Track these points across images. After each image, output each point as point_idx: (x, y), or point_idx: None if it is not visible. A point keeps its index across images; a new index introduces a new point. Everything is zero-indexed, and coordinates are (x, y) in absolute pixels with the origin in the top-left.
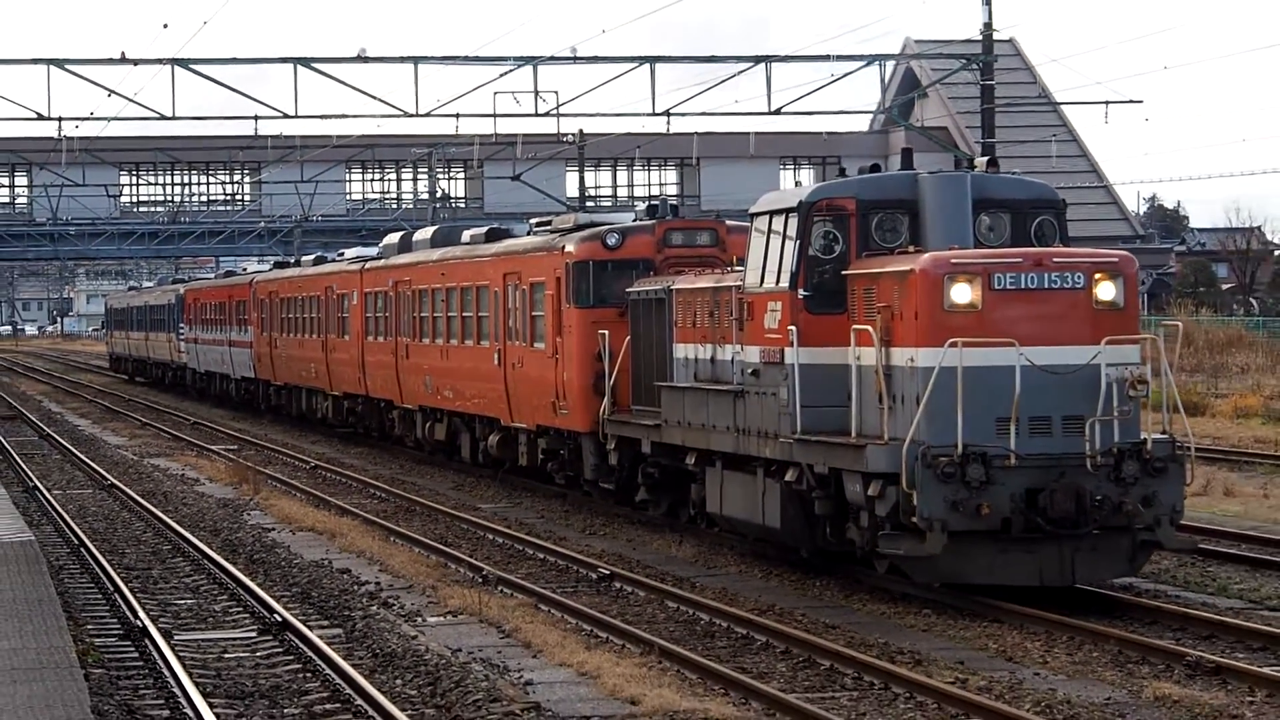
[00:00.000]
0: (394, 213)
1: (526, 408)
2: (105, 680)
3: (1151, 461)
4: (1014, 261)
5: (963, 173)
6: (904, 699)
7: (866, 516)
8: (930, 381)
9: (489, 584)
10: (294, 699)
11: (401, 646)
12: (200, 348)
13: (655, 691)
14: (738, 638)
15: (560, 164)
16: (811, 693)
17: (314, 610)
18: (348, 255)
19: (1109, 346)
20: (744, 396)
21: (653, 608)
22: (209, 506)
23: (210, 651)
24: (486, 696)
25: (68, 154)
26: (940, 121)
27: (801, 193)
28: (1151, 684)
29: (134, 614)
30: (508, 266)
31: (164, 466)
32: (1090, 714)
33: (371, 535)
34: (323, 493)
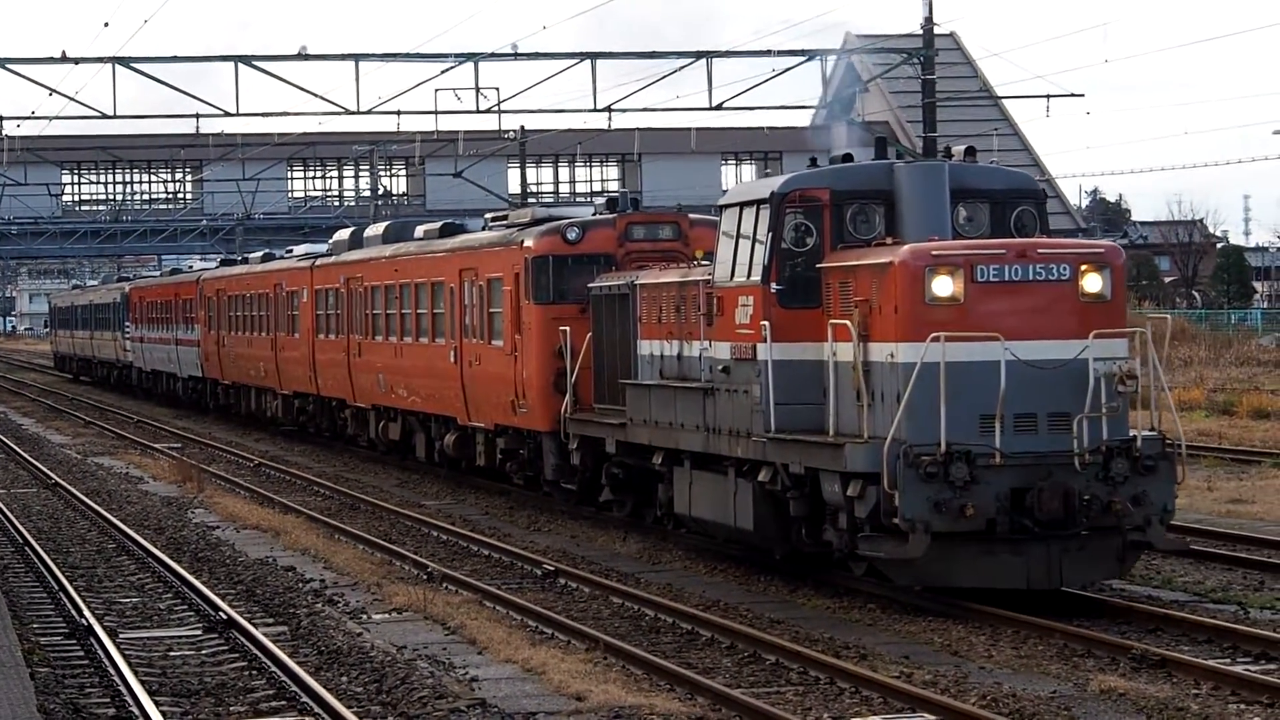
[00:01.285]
0: (336, 210)
1: (484, 406)
2: (51, 679)
3: (1141, 460)
4: (997, 253)
5: (940, 162)
6: (850, 694)
7: (845, 518)
8: (912, 378)
9: (434, 581)
10: (240, 696)
11: (347, 644)
12: (146, 347)
13: (601, 687)
14: (683, 633)
15: (502, 160)
16: (757, 688)
17: (259, 608)
18: (297, 252)
19: (1096, 340)
20: (714, 394)
21: (598, 604)
22: (153, 505)
23: (156, 650)
24: (432, 693)
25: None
26: (882, 116)
27: (773, 183)
28: (1097, 677)
29: (79, 613)
30: (464, 262)
31: (108, 465)
32: (1036, 707)
33: (316, 533)
34: (267, 490)
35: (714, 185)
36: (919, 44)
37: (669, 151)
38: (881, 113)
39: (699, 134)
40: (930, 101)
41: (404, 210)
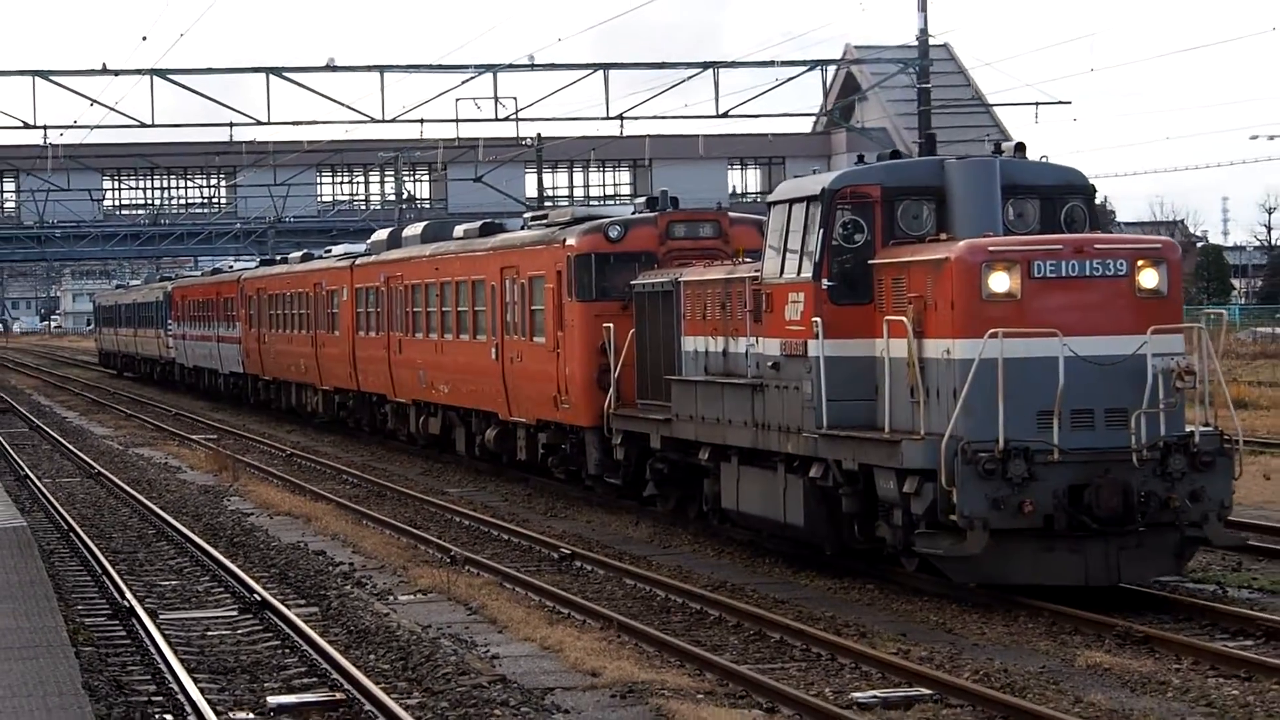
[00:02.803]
0: (362, 214)
1: (525, 402)
2: (95, 657)
3: (1199, 455)
4: (1054, 248)
5: (991, 158)
6: (850, 669)
7: (900, 514)
8: (970, 374)
9: (457, 564)
10: (274, 674)
11: (375, 623)
12: (188, 343)
13: (615, 664)
14: (692, 613)
15: (519, 166)
16: (762, 664)
17: (291, 590)
18: (336, 252)
19: (1155, 336)
20: (763, 390)
21: (611, 585)
22: (191, 493)
23: (194, 630)
24: (455, 670)
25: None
26: (880, 123)
27: (824, 180)
28: (1084, 653)
29: (121, 595)
30: (504, 260)
31: (148, 455)
32: (1026, 681)
33: (345, 519)
34: (298, 479)
35: (721, 189)
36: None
37: (678, 157)
38: (879, 119)
39: (706, 140)
40: (925, 109)
41: (427, 214)
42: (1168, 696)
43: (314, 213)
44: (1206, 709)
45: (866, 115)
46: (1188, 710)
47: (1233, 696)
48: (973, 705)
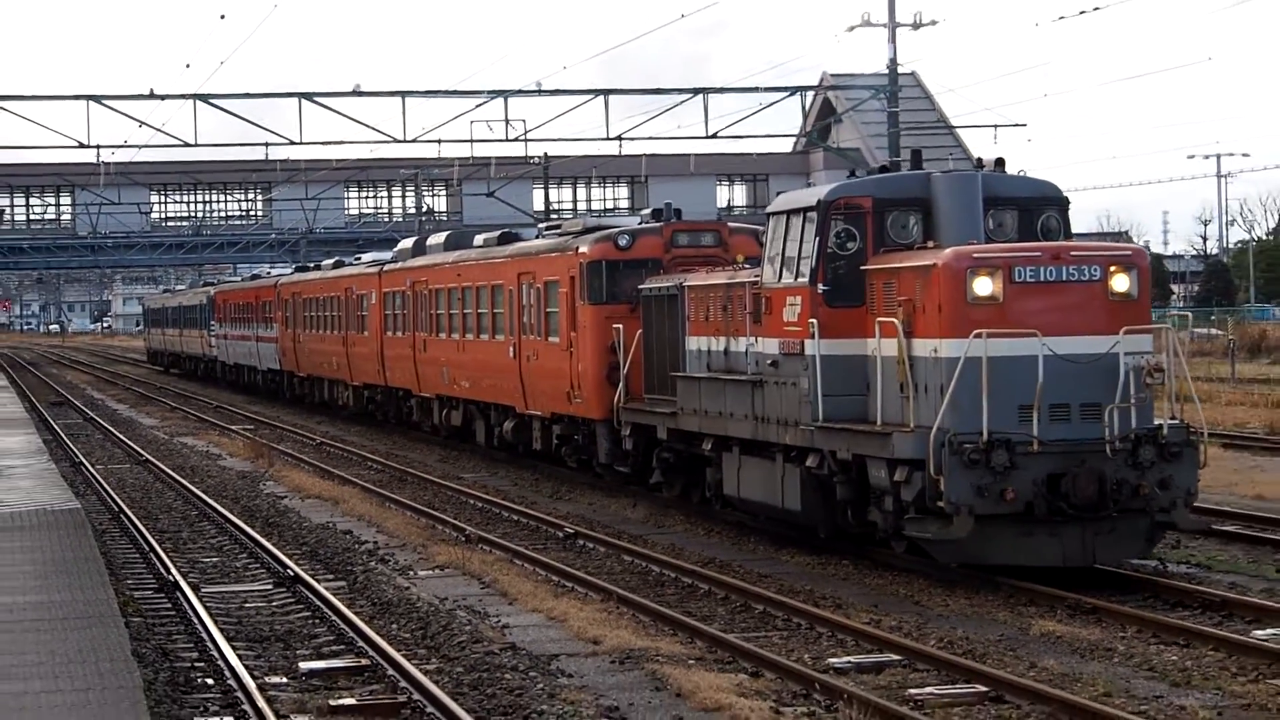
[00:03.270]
0: (386, 225)
1: (541, 397)
2: (143, 627)
3: (1167, 446)
4: (1033, 255)
5: (974, 172)
6: (827, 637)
7: (890, 500)
8: (956, 371)
9: (471, 542)
10: (305, 642)
11: (397, 596)
12: (229, 343)
13: (614, 633)
14: (684, 586)
15: (527, 182)
16: (748, 632)
17: (321, 566)
18: (365, 259)
19: (1127, 336)
20: (763, 386)
21: (611, 561)
22: (230, 478)
23: (233, 602)
24: (470, 638)
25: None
26: (853, 143)
27: (820, 192)
28: (1038, 623)
29: (167, 570)
30: (521, 267)
31: (191, 444)
32: (986, 648)
33: (370, 501)
34: (328, 465)
35: (710, 203)
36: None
37: (671, 174)
38: (853, 140)
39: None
40: (895, 131)
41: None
42: (1113, 661)
43: (342, 224)
44: (1149, 673)
45: (842, 136)
46: (1131, 674)
47: (1172, 661)
48: (938, 669)
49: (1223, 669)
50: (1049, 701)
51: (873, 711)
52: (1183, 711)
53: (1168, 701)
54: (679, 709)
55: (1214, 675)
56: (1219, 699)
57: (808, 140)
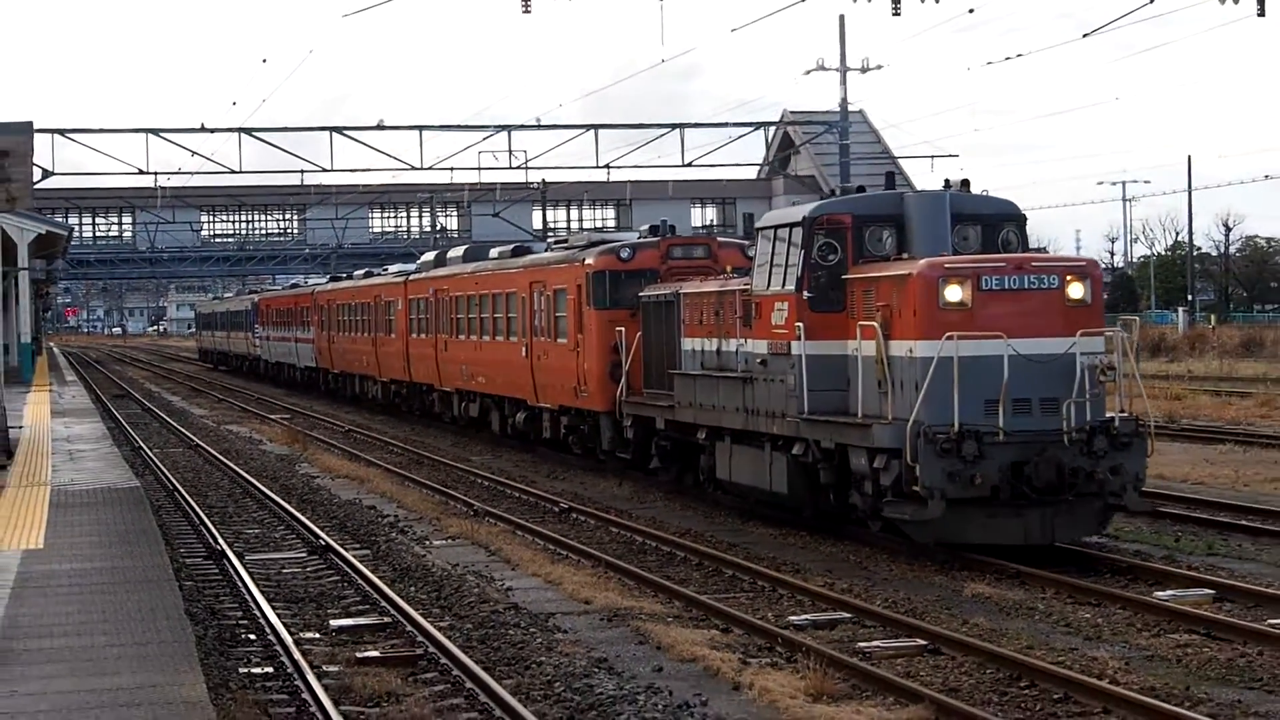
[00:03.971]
0: (405, 241)
1: (550, 391)
2: (194, 590)
3: (1118, 437)
4: (999, 265)
5: (943, 191)
6: (787, 598)
7: (870, 485)
8: (930, 369)
9: (479, 516)
10: (335, 602)
11: (414, 563)
12: (271, 343)
13: (603, 594)
14: (664, 554)
15: (528, 204)
16: (719, 594)
17: (349, 536)
18: (391, 270)
19: (1082, 338)
20: (753, 382)
21: (600, 532)
22: (269, 460)
23: (272, 568)
24: (478, 599)
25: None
26: (809, 172)
27: (805, 209)
28: (970, 585)
29: (215, 540)
30: (533, 276)
31: (236, 431)
32: (925, 607)
33: (391, 480)
34: (355, 449)
35: (686, 222)
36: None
37: (652, 197)
38: (809, 169)
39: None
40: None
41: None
42: (1035, 619)
43: (366, 240)
44: (1066, 628)
45: (799, 166)
46: (1050, 629)
47: (1086, 619)
48: (883, 626)
49: (1130, 625)
50: (979, 653)
51: (827, 662)
52: (1095, 662)
53: (1082, 653)
54: (659, 660)
55: (1122, 631)
56: (1126, 651)
57: (770, 169)
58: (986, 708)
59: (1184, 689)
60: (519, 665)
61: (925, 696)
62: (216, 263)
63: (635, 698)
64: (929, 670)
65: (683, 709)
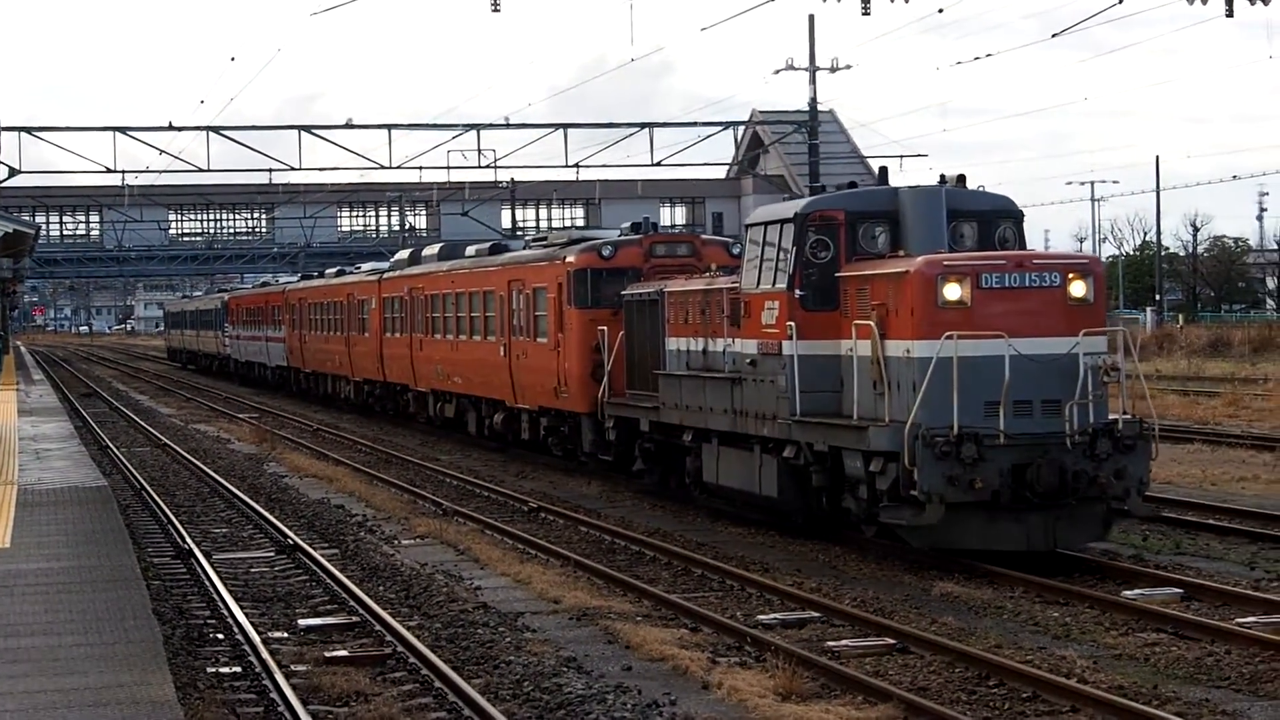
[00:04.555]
0: (373, 240)
1: (529, 392)
2: (162, 589)
3: (1122, 439)
4: (998, 263)
5: (938, 187)
6: (756, 597)
7: (865, 489)
8: (928, 370)
9: (447, 515)
10: (304, 601)
11: (383, 562)
12: (241, 342)
13: (572, 594)
14: (633, 554)
15: (497, 204)
16: (688, 593)
17: (317, 536)
18: (364, 268)
19: (1085, 338)
20: (741, 383)
21: (569, 532)
22: (238, 459)
23: (240, 567)
24: (447, 598)
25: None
26: (778, 171)
27: (796, 205)
28: (938, 584)
29: (183, 540)
30: (512, 275)
31: (204, 430)
32: (893, 606)
33: (359, 480)
34: (323, 449)
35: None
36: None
37: (621, 197)
38: (778, 169)
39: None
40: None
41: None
42: (1003, 618)
43: (335, 239)
44: (1034, 627)
45: (768, 165)
46: (1019, 628)
47: (1054, 618)
48: (852, 625)
49: (1098, 624)
50: (948, 652)
51: (796, 661)
52: (1063, 661)
53: (1050, 652)
54: (628, 659)
55: (1090, 630)
56: (1095, 650)
57: (739, 168)
58: (955, 707)
59: (1152, 688)
60: (488, 664)
61: (894, 695)
62: (184, 262)
63: (604, 697)
64: (898, 669)
65: (651, 708)
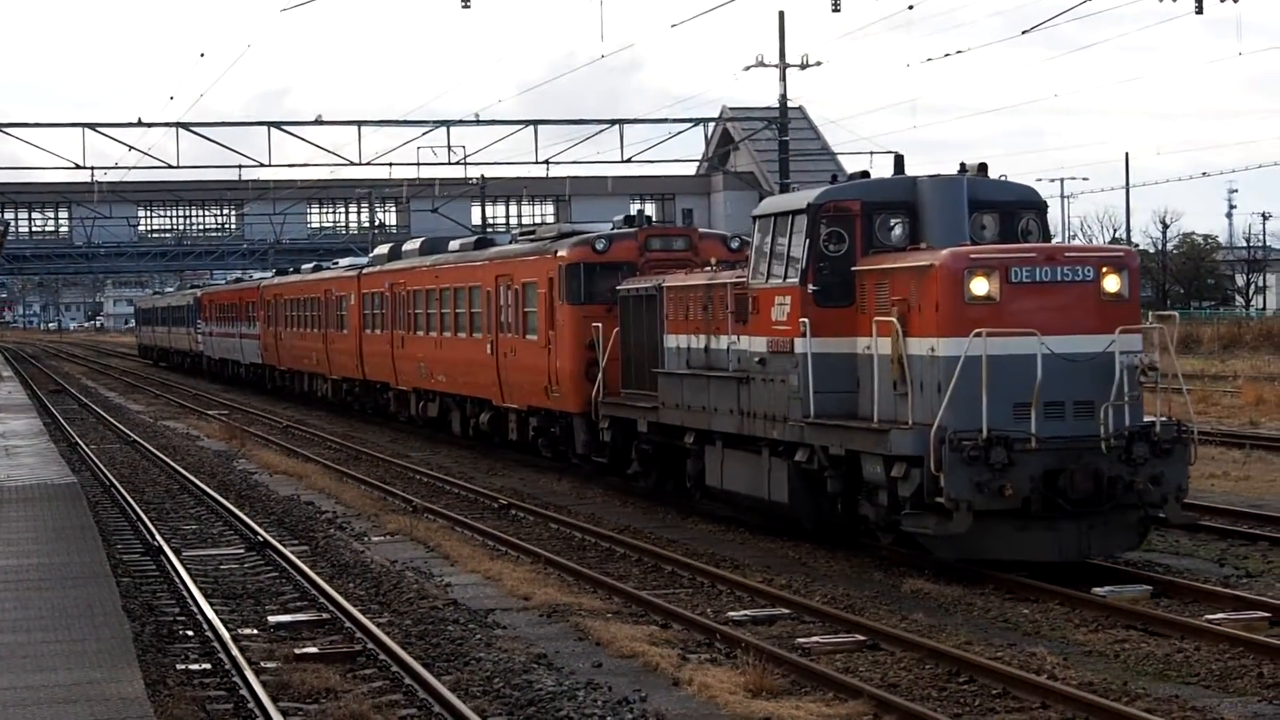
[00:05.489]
0: (343, 237)
1: (518, 391)
2: (131, 585)
3: (1159, 443)
4: (1029, 256)
5: (959, 176)
6: (726, 594)
7: (885, 495)
8: (955, 370)
9: (418, 512)
10: (273, 598)
11: (353, 559)
12: (214, 339)
13: (543, 590)
14: (603, 550)
15: (467, 200)
16: (658, 589)
17: (287, 533)
18: (342, 264)
19: (1122, 335)
20: (749, 382)
21: (540, 529)
22: (207, 456)
23: (210, 564)
24: (417, 595)
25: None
26: (748, 168)
27: (809, 195)
28: (908, 581)
29: (152, 536)
30: (499, 270)
31: (173, 427)
32: (864, 603)
33: (329, 477)
34: (293, 445)
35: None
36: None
37: (591, 193)
38: (748, 165)
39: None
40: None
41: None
42: (973, 614)
43: (305, 236)
44: (1004, 624)
45: (739, 162)
46: (989, 625)
47: (1024, 614)
48: (822, 621)
49: (1068, 621)
50: (918, 649)
51: (766, 658)
52: (1033, 657)
53: (1021, 649)
54: (598, 656)
55: (1060, 626)
56: (1064, 647)
57: (709, 165)
58: (925, 703)
59: (1121, 684)
60: (458, 661)
61: (864, 692)
62: (154, 258)
63: (574, 694)
64: (868, 666)
65: (622, 705)
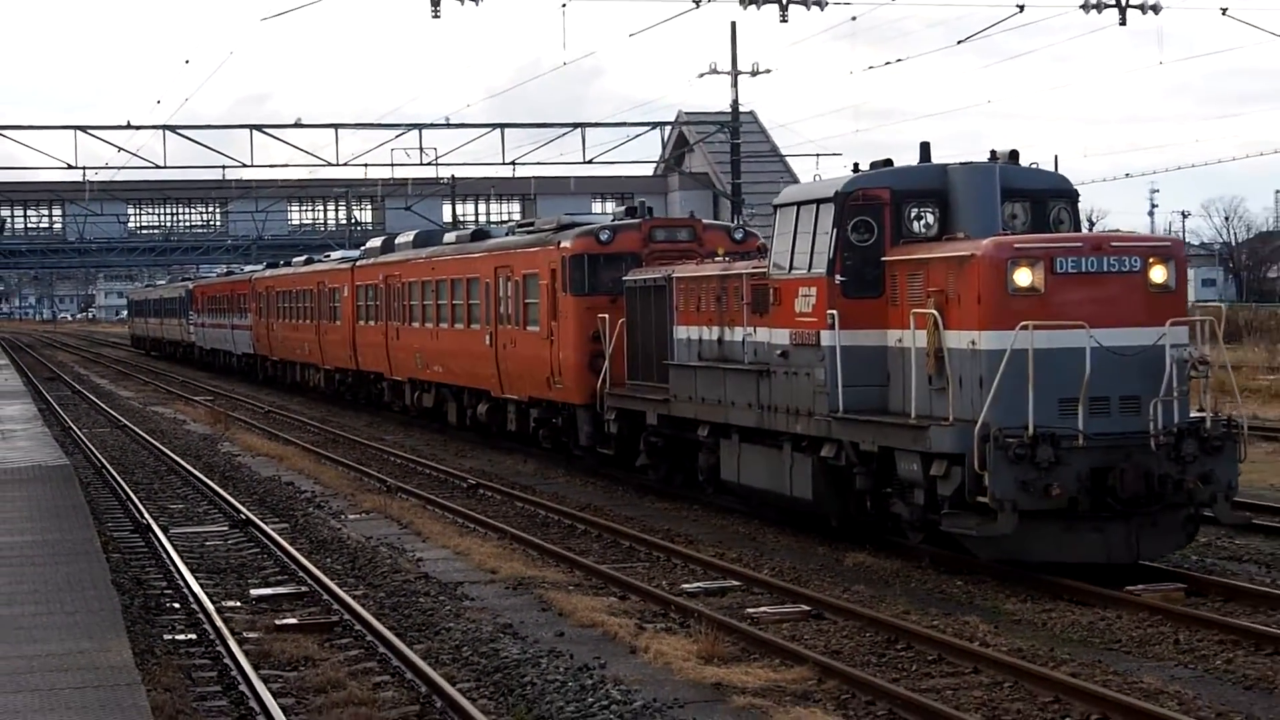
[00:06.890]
0: (322, 234)
1: (518, 382)
2: (121, 562)
3: (1209, 440)
4: (1075, 246)
5: (991, 164)
6: (681, 567)
7: (921, 494)
8: (999, 364)
9: (392, 492)
10: (256, 573)
11: (331, 536)
12: (206, 330)
13: (509, 565)
14: (566, 527)
15: (438, 199)
16: (617, 564)
17: (268, 511)
18: (334, 257)
19: (1172, 328)
20: (769, 375)
21: (506, 507)
22: (193, 439)
23: (196, 541)
24: (391, 569)
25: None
26: (702, 169)
27: (837, 183)
28: (851, 555)
29: (141, 515)
30: (498, 261)
31: (161, 412)
32: (808, 575)
33: (308, 458)
34: (274, 429)
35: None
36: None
37: (555, 193)
38: (702, 166)
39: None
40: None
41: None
42: (911, 587)
43: (286, 232)
44: (940, 595)
45: (693, 163)
46: (926, 596)
47: (959, 586)
48: (770, 593)
49: (999, 592)
50: (859, 618)
51: (718, 627)
52: (966, 626)
53: (955, 618)
54: (561, 626)
55: (991, 598)
56: (995, 616)
57: (666, 166)
58: (866, 668)
59: (1048, 650)
60: (429, 631)
61: (809, 658)
62: (143, 253)
63: (538, 661)
64: (813, 634)
65: (583, 671)
